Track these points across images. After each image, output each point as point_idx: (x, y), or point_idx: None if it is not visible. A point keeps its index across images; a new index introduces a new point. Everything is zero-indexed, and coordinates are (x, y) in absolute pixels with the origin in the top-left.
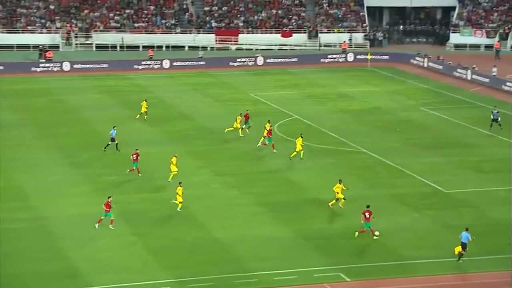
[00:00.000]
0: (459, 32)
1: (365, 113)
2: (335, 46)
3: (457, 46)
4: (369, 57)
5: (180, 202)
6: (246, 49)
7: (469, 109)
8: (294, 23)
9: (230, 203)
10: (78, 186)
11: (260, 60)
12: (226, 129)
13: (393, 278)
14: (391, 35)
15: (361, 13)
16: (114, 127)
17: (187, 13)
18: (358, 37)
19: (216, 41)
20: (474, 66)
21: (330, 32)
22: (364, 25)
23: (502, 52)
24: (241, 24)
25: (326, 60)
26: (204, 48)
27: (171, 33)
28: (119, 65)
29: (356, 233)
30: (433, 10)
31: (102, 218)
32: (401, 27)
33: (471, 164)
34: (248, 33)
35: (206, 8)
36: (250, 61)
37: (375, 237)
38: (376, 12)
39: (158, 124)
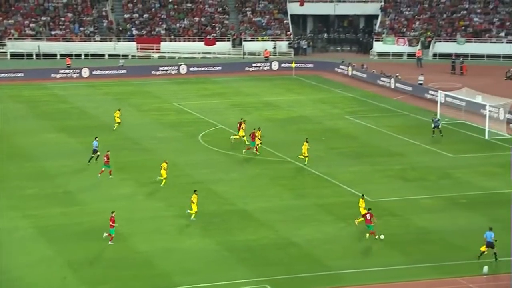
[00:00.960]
0: (382, 41)
1: (290, 122)
2: (260, 55)
3: (381, 54)
4: (293, 65)
5: (194, 212)
6: (168, 58)
7: (393, 117)
8: (218, 31)
9: (155, 216)
10: None
11: (183, 69)
12: (232, 137)
13: None
14: (315, 43)
15: (285, 21)
16: (96, 138)
17: (106, 21)
18: (283, 45)
19: (137, 49)
20: (397, 74)
21: (254, 40)
22: (288, 33)
23: (424, 60)
24: (163, 31)
25: (251, 69)
26: (125, 56)
27: (90, 41)
28: (35, 74)
29: (367, 235)
30: (356, 18)
31: (112, 235)
32: (325, 35)
33: (396, 173)
34: (170, 41)
35: (127, 15)
36: (173, 70)
37: (378, 237)
38: (300, 20)
39: (78, 135)
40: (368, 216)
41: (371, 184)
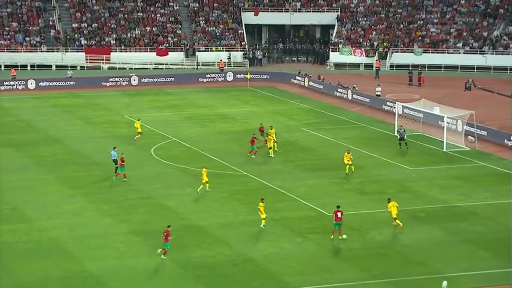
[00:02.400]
0: (338, 51)
1: (246, 135)
2: (214, 65)
3: (337, 65)
4: (249, 76)
5: (263, 219)
6: (119, 68)
7: (350, 129)
8: (170, 41)
9: (105, 233)
10: None
11: (134, 80)
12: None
13: None
14: (271, 54)
15: (239, 31)
16: (114, 148)
17: (53, 30)
18: (237, 56)
19: (86, 60)
20: (354, 85)
21: (208, 51)
22: (243, 43)
23: (381, 71)
24: (113, 41)
25: (205, 80)
26: (73, 67)
27: (37, 51)
28: None
29: (331, 236)
30: (312, 28)
31: (166, 249)
32: (281, 45)
33: (354, 186)
34: (121, 51)
35: (75, 25)
36: (124, 81)
37: (341, 238)
38: (255, 30)
39: (25, 149)
40: (339, 214)
41: (328, 197)
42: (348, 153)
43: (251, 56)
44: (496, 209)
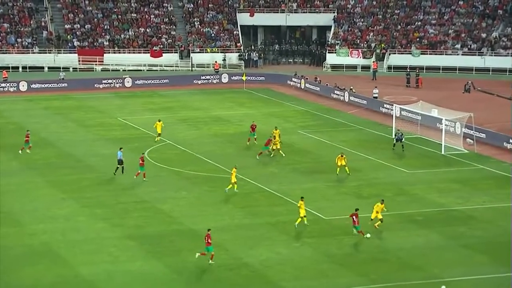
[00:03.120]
0: (335, 53)
1: (241, 137)
2: (209, 67)
3: (334, 66)
4: (244, 78)
5: (304, 216)
6: (112, 70)
7: (347, 131)
8: (164, 42)
9: (98, 237)
10: None
11: (128, 82)
12: (272, 154)
13: None
14: (267, 55)
15: (234, 32)
16: (120, 148)
17: (46, 31)
18: (233, 57)
19: (79, 61)
20: (351, 87)
21: (203, 52)
22: (238, 44)
23: (378, 73)
24: (106, 43)
25: (200, 82)
26: (66, 69)
27: (28, 53)
28: None
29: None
30: (309, 29)
31: (205, 252)
32: (277, 46)
33: (351, 189)
34: (114, 52)
35: (67, 26)
36: (117, 83)
37: (366, 237)
38: (250, 31)
39: (15, 153)
40: (354, 218)
41: (325, 201)
42: (342, 156)
43: (246, 58)
44: (495, 213)
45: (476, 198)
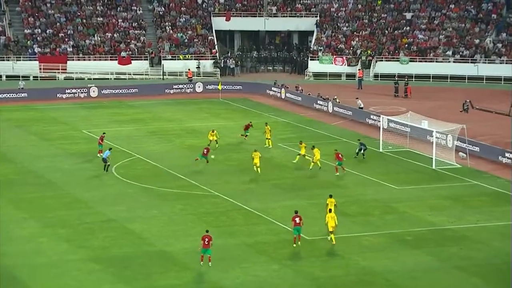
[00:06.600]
0: (318, 60)
1: (217, 151)
2: (182, 75)
3: (317, 74)
4: (220, 87)
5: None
6: (76, 79)
7: (331, 144)
8: (133, 48)
9: (61, 260)
10: None
11: (94, 91)
12: (295, 160)
13: None
14: (244, 63)
15: (209, 38)
16: (110, 149)
17: (3, 37)
18: (207, 65)
19: (40, 69)
20: (335, 97)
21: (175, 59)
22: (214, 51)
23: (364, 81)
24: (69, 49)
25: (172, 91)
26: (25, 77)
27: None
28: None
29: (294, 245)
30: (290, 34)
31: (202, 255)
32: (255, 53)
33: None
34: (78, 60)
35: (27, 31)
36: (82, 93)
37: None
38: (226, 37)
39: None
40: (297, 220)
41: (307, 219)
42: (301, 144)
43: (222, 65)
44: (489, 233)
45: (469, 216)
